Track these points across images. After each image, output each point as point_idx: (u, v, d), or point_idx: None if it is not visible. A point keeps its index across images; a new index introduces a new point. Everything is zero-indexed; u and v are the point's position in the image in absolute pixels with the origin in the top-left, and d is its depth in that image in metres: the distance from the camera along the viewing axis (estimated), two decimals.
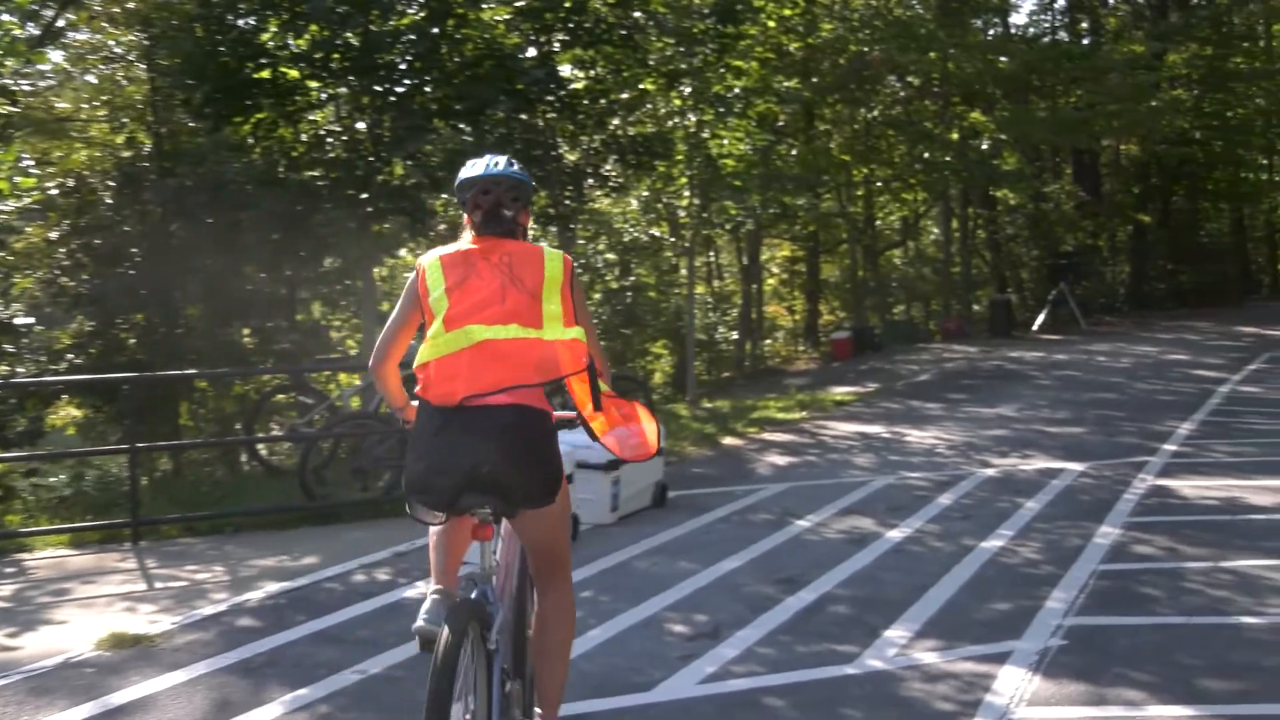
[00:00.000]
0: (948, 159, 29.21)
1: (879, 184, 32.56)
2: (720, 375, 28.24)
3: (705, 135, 18.57)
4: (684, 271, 24.11)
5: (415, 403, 4.21)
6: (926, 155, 29.69)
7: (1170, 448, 12.11)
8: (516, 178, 4.34)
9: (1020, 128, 30.19)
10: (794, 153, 26.78)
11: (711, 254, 34.42)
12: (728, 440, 13.86)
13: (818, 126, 30.54)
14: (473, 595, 4.03)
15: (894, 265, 37.18)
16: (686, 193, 19.33)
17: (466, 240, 4.32)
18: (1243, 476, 10.44)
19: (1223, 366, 19.66)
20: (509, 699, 4.15)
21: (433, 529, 4.36)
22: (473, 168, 4.38)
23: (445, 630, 3.77)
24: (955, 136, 30.81)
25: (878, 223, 35.82)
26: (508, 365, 3.98)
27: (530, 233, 4.44)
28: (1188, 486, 10.14)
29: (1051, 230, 35.93)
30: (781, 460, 12.41)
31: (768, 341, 32.79)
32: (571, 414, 4.38)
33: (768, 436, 14.11)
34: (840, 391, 18.57)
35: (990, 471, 11.18)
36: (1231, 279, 41.74)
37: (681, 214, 19.98)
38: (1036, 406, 15.56)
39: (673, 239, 21.54)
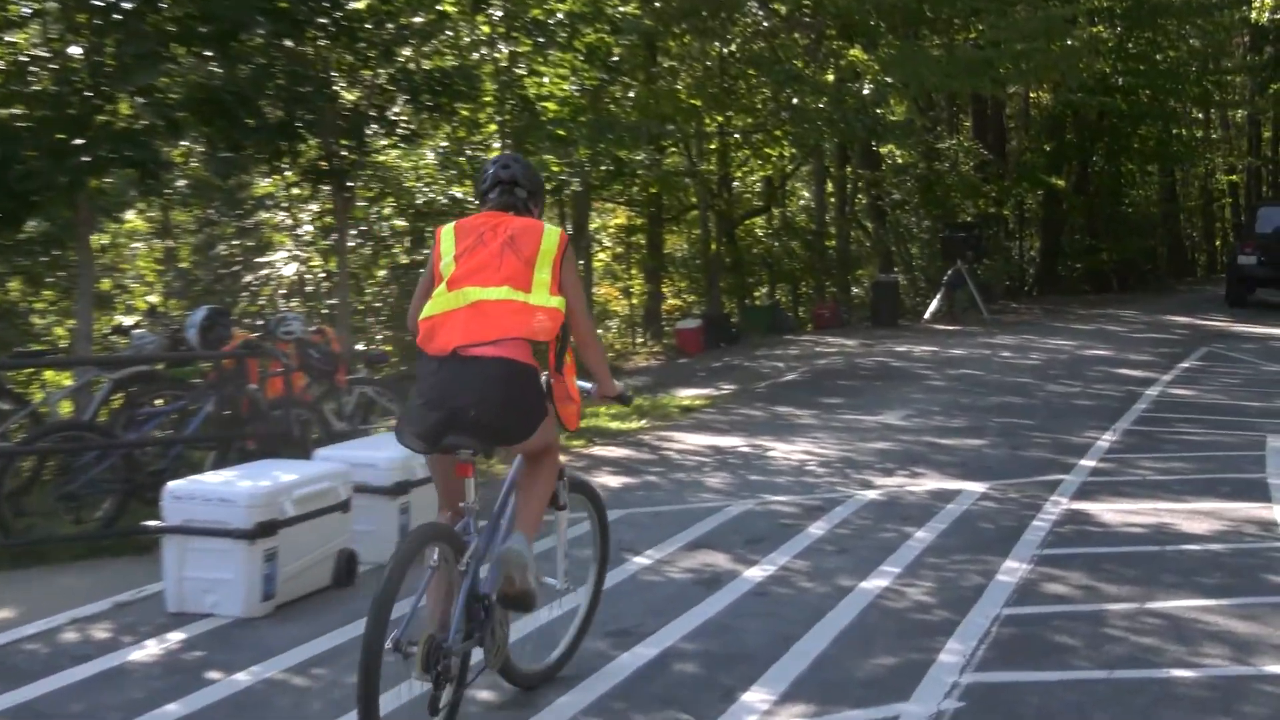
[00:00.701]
0: (821, 106, 29.52)
1: (737, 136, 32.78)
2: None
3: (520, 72, 18.54)
4: None
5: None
6: (795, 101, 29.95)
7: (1088, 464, 12.47)
8: (534, 170, 6.38)
9: (909, 69, 30.59)
10: (631, 95, 26.85)
11: None
12: None
13: (661, 64, 30.66)
14: (457, 527, 5.86)
15: (755, 238, 37.46)
16: (496, 144, 19.27)
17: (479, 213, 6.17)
18: (1174, 498, 10.80)
19: (1151, 364, 20.34)
20: (474, 619, 5.75)
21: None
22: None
23: (400, 544, 5.48)
24: (830, 79, 31.22)
25: (735, 184, 36.11)
26: (496, 321, 5.69)
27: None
28: (1109, 511, 10.43)
29: (947, 196, 36.68)
30: (614, 481, 12.45)
31: (599, 331, 32.80)
32: (589, 385, 6.39)
33: (597, 451, 14.16)
34: (688, 395, 18.70)
35: (872, 494, 11.36)
36: (1161, 257, 43.26)
37: None
38: (928, 413, 15.88)
39: (478, 202, 21.41)
